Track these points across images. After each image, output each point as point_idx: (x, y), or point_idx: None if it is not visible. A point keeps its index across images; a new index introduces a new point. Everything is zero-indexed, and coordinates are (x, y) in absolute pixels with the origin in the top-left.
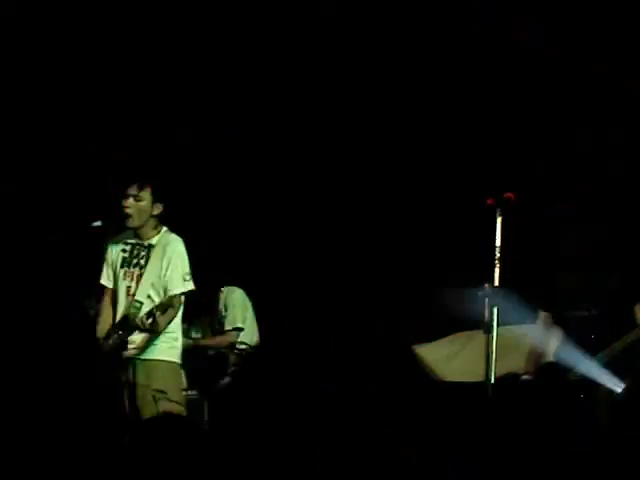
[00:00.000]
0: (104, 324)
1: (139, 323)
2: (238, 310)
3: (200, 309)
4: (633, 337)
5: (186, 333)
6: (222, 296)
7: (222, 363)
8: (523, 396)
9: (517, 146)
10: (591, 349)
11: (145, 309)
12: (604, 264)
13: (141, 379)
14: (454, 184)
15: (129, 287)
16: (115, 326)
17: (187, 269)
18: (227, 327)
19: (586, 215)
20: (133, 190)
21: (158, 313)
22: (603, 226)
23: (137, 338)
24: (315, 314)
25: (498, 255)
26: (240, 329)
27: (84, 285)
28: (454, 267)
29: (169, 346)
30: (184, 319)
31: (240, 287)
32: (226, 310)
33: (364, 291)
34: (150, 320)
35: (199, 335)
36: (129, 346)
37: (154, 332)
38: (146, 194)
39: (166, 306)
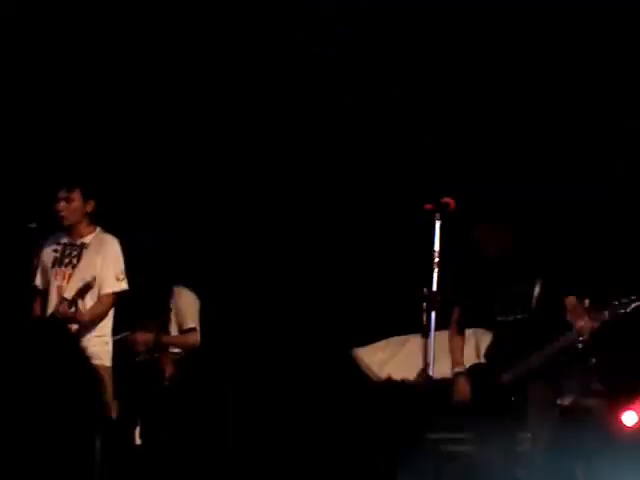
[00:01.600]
0: None
1: (61, 312)
2: (190, 310)
3: (150, 310)
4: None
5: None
6: (173, 296)
7: (154, 371)
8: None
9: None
10: (522, 352)
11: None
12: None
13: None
14: (394, 190)
15: (60, 286)
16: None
17: (121, 268)
18: (186, 327)
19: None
20: (63, 193)
21: (79, 300)
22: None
23: None
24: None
25: (437, 259)
26: (192, 330)
27: (22, 287)
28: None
29: (100, 349)
30: (134, 321)
31: (189, 288)
32: (176, 312)
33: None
34: (73, 309)
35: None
36: None
37: (78, 323)
38: (76, 195)
39: (85, 291)
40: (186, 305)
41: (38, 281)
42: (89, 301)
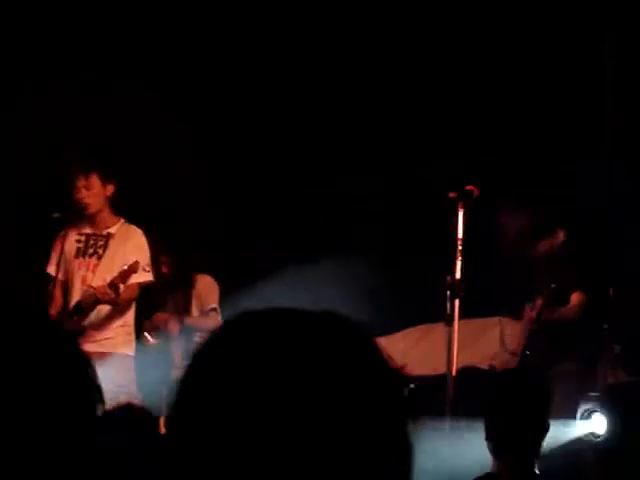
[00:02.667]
0: (54, 310)
1: (101, 293)
2: (211, 293)
3: (170, 295)
4: None
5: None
6: (194, 281)
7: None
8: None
9: (479, 139)
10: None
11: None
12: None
13: (100, 372)
14: (417, 177)
15: (84, 277)
16: (69, 313)
17: (147, 260)
18: (207, 308)
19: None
20: (81, 181)
21: (120, 285)
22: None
23: (91, 330)
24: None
25: (460, 248)
26: (214, 309)
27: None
28: (418, 259)
29: (125, 339)
30: (156, 308)
31: (209, 273)
32: (197, 297)
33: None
34: (112, 290)
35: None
36: (82, 339)
37: (115, 305)
38: (94, 179)
39: (127, 275)
40: (206, 289)
41: (53, 269)
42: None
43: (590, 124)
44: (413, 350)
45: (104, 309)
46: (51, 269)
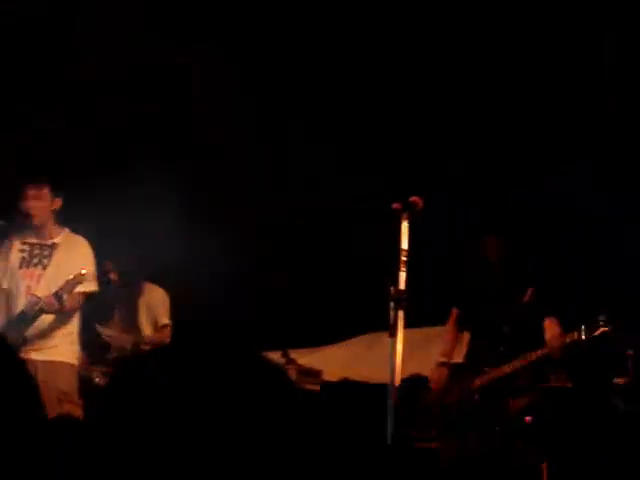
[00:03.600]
0: None
1: (46, 304)
2: (163, 306)
3: (115, 306)
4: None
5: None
6: (141, 294)
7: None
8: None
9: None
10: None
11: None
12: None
13: (45, 380)
14: (361, 188)
15: (29, 286)
16: (12, 323)
17: (93, 270)
18: (160, 324)
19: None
20: (32, 190)
21: (65, 295)
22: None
23: (36, 338)
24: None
25: (404, 259)
26: (167, 325)
27: None
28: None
29: (68, 348)
30: (101, 318)
31: (158, 284)
32: (148, 308)
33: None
34: (57, 300)
35: (111, 333)
36: (26, 347)
37: (60, 313)
38: (45, 192)
39: (72, 285)
40: (158, 301)
41: (2, 281)
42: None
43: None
44: (362, 358)
45: (48, 318)
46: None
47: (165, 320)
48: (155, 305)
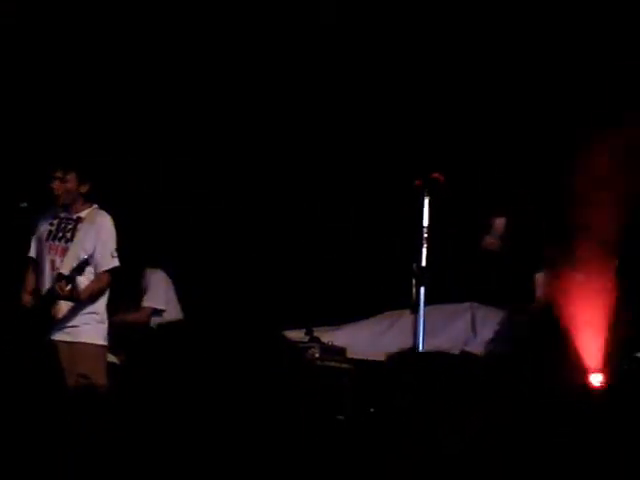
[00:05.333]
0: (25, 294)
1: (58, 291)
2: (160, 291)
3: (122, 289)
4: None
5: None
6: (144, 277)
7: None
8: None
9: (446, 126)
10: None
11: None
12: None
13: (65, 363)
14: (383, 165)
15: (53, 260)
16: (40, 300)
17: (114, 246)
18: (144, 304)
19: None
20: (58, 173)
21: (78, 277)
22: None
23: (60, 318)
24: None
25: (425, 235)
26: (160, 311)
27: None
28: (383, 248)
29: (93, 328)
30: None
31: (162, 269)
32: (147, 291)
33: (285, 270)
34: (69, 286)
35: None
36: (53, 327)
37: (76, 301)
38: (71, 176)
39: (82, 268)
40: (153, 285)
41: (33, 252)
42: (84, 278)
43: None
44: (383, 336)
45: None
46: (32, 252)
47: (158, 304)
48: (154, 287)
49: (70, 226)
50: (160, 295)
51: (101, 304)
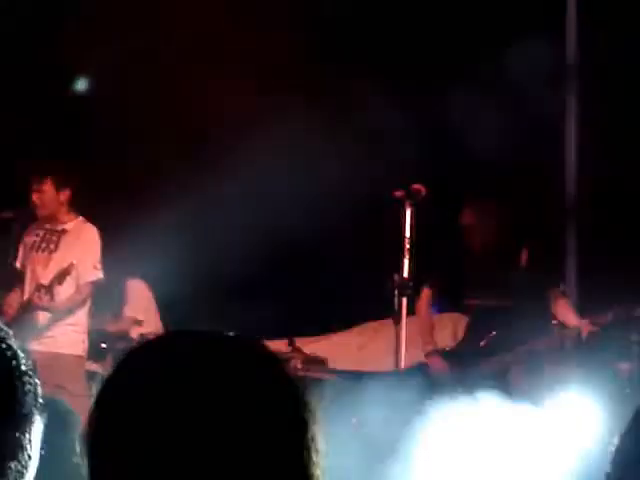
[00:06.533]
0: (8, 307)
1: (36, 300)
2: (139, 302)
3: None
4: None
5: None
6: (124, 287)
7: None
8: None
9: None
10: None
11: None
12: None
13: (40, 371)
14: (363, 177)
15: (34, 271)
16: (19, 310)
17: (98, 257)
18: (125, 314)
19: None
20: (34, 185)
21: (56, 286)
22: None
23: (37, 328)
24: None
25: (407, 246)
26: (139, 321)
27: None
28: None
29: (70, 339)
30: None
31: (142, 279)
32: (127, 301)
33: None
34: (48, 296)
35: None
36: (32, 337)
37: (53, 311)
38: (47, 184)
39: (62, 277)
40: (132, 295)
41: (19, 263)
42: (67, 289)
43: None
44: (366, 347)
45: None
46: (19, 263)
47: (137, 314)
48: (134, 298)
49: (54, 237)
50: (140, 305)
51: (81, 315)
